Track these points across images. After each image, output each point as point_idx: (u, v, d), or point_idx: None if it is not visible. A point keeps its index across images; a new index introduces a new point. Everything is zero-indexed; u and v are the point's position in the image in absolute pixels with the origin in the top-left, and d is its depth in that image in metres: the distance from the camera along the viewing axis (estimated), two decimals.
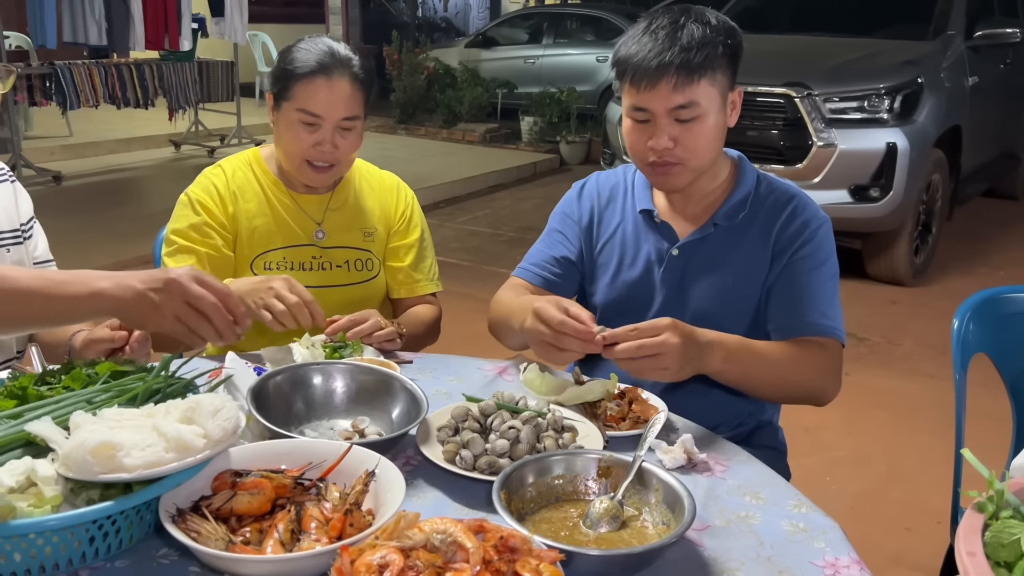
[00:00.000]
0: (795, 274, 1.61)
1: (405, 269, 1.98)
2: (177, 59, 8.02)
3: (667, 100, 1.52)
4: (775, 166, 5.01)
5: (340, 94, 1.78)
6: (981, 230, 6.42)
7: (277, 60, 1.85)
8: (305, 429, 1.37)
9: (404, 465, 1.30)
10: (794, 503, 1.24)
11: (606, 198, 1.78)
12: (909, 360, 4.24)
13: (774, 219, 1.64)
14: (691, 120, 1.54)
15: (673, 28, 1.52)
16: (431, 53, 10.81)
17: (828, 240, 1.64)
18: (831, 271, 1.63)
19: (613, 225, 1.76)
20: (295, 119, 1.79)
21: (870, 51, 5.46)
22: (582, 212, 1.79)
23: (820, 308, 1.58)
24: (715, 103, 1.55)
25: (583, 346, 1.37)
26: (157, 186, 7.54)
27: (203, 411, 1.08)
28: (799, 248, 1.61)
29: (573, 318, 1.37)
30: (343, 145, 1.82)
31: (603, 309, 1.75)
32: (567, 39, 11.11)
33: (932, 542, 2.71)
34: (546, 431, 1.30)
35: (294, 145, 1.81)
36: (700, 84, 1.52)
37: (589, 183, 1.82)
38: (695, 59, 1.50)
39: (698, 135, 1.55)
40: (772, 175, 1.73)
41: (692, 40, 1.51)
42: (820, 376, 1.56)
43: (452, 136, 10.01)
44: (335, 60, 1.78)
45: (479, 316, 1.83)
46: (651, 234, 1.70)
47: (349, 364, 1.44)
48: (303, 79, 1.77)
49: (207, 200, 1.87)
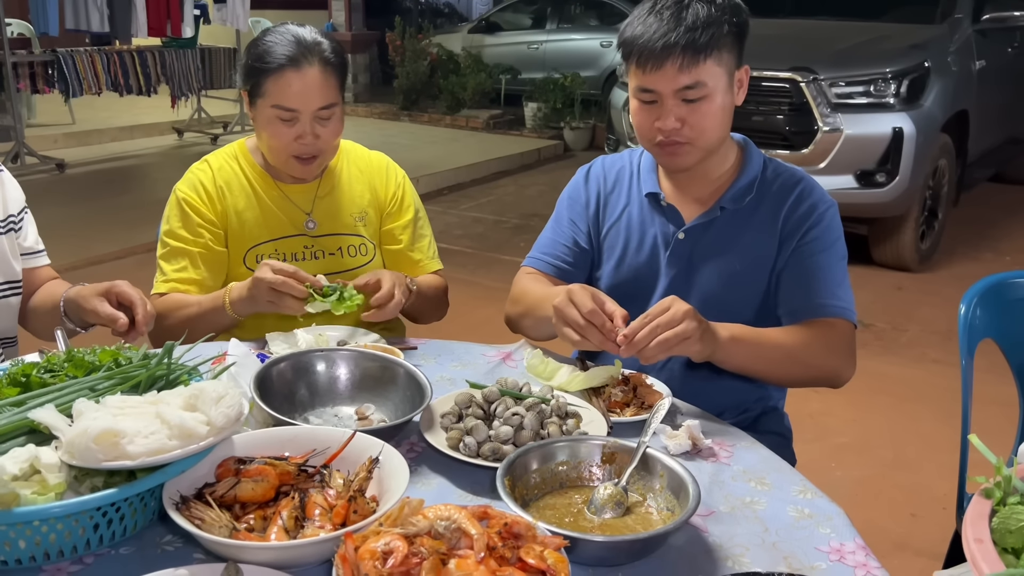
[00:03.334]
0: (804, 257, 1.60)
1: (402, 251, 1.97)
2: (179, 46, 8.00)
3: (673, 81, 1.51)
4: (781, 151, 4.98)
5: (312, 84, 1.75)
6: (987, 215, 6.39)
7: (244, 55, 1.82)
8: (309, 416, 1.36)
9: (408, 452, 1.30)
10: (799, 489, 1.24)
11: (612, 181, 1.77)
12: (915, 346, 4.23)
13: (781, 203, 1.63)
14: (698, 100, 1.53)
15: (678, 8, 1.51)
16: (434, 39, 10.75)
17: (836, 222, 1.63)
18: (840, 253, 1.62)
19: (619, 209, 1.74)
20: (271, 115, 1.77)
21: (876, 35, 5.41)
22: (589, 196, 1.78)
23: (830, 289, 1.57)
24: (722, 82, 1.54)
25: (603, 342, 1.38)
26: (160, 173, 7.53)
27: (206, 398, 1.08)
28: (807, 231, 1.60)
29: (607, 315, 1.39)
30: (324, 134, 1.80)
31: (609, 293, 1.73)
32: (571, 24, 11.04)
33: (938, 528, 2.71)
34: (550, 417, 1.29)
35: (275, 141, 1.80)
36: (706, 64, 1.50)
37: (595, 167, 1.81)
38: (700, 39, 1.49)
39: (705, 114, 1.54)
40: (778, 160, 1.72)
41: (697, 19, 1.49)
42: (833, 357, 1.55)
43: (455, 123, 9.97)
44: (303, 49, 1.75)
45: (484, 303, 1.83)
46: (657, 217, 1.69)
47: (353, 351, 1.44)
48: (273, 74, 1.74)
49: (195, 199, 1.86)
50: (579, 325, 1.39)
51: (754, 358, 1.50)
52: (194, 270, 1.84)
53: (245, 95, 1.83)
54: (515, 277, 1.78)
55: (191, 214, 1.85)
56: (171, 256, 1.85)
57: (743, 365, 1.51)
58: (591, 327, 1.38)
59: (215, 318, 1.74)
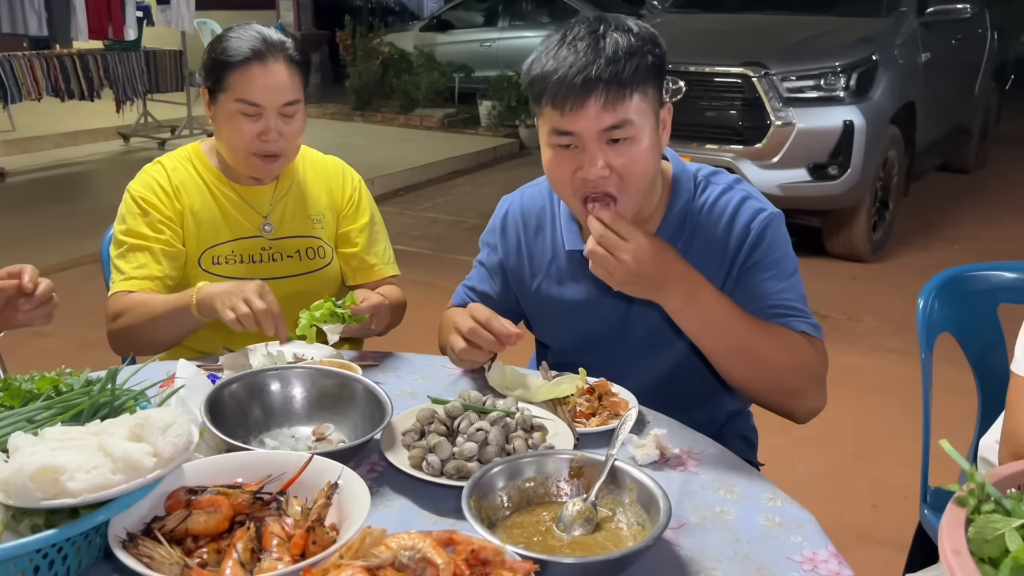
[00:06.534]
0: (752, 282, 1.46)
1: (358, 254, 1.94)
2: (122, 49, 7.79)
3: (597, 120, 1.32)
4: (735, 146, 5.02)
5: (277, 79, 1.72)
6: (936, 204, 6.51)
7: (206, 52, 1.78)
8: (265, 438, 1.31)
9: (369, 472, 1.25)
10: (769, 496, 1.22)
11: (533, 228, 1.63)
12: (871, 336, 4.29)
13: (715, 228, 1.48)
14: (625, 141, 1.34)
15: (593, 38, 1.33)
16: (385, 37, 10.66)
17: (778, 236, 1.48)
18: (789, 268, 1.47)
19: (546, 261, 1.61)
20: (234, 110, 1.73)
21: (824, 29, 5.47)
22: (508, 248, 1.65)
23: (789, 307, 1.43)
24: (649, 122, 1.37)
25: (495, 344, 1.40)
26: (106, 180, 7.33)
27: (152, 427, 1.02)
28: (750, 253, 1.46)
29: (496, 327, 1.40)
30: (288, 131, 1.76)
31: (555, 354, 1.69)
32: (523, 21, 11.02)
33: (899, 518, 2.74)
34: (515, 431, 1.26)
35: (237, 138, 1.75)
36: (633, 99, 1.33)
37: (512, 211, 1.66)
38: (625, 72, 1.31)
39: (634, 159, 1.35)
40: (712, 178, 1.54)
41: (618, 50, 1.32)
42: (799, 368, 1.39)
43: (410, 122, 9.89)
44: (268, 45, 1.72)
45: (442, 305, 1.78)
46: (586, 270, 1.45)
47: (309, 368, 1.39)
48: (237, 67, 1.71)
49: (151, 197, 1.81)
50: (471, 332, 1.41)
51: (706, 328, 1.35)
52: (156, 266, 1.77)
53: (205, 93, 1.79)
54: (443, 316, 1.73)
55: (150, 210, 1.79)
56: (130, 253, 1.78)
57: (694, 332, 1.37)
58: (480, 331, 1.40)
59: (180, 318, 1.64)
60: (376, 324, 1.66)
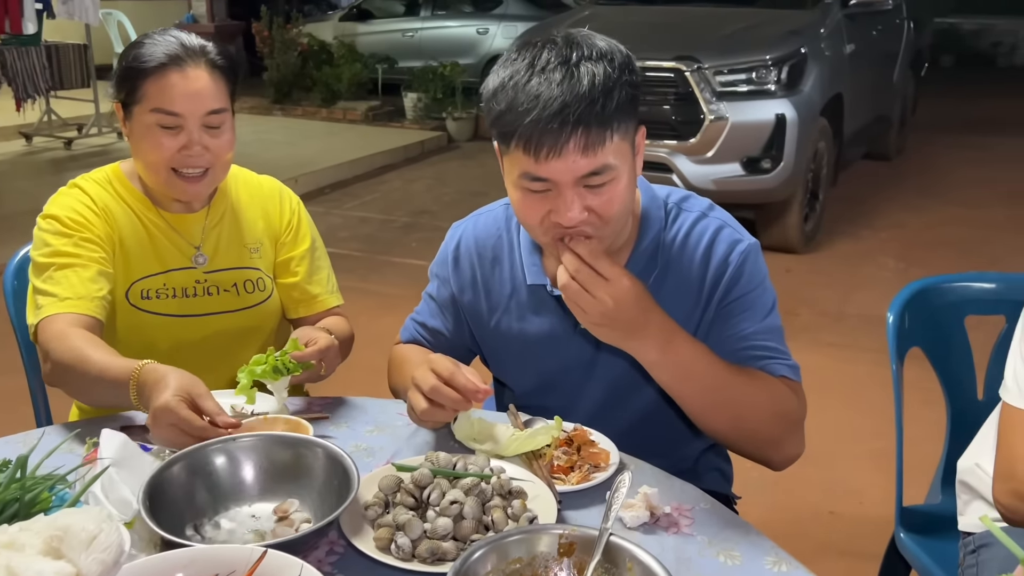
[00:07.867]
0: (730, 323, 1.36)
1: (299, 284, 1.76)
2: (21, 43, 7.27)
3: (575, 167, 1.19)
4: (669, 141, 4.98)
5: (198, 85, 1.54)
6: (861, 193, 6.63)
7: (118, 61, 1.59)
8: (221, 520, 1.15)
9: (328, 554, 1.11)
10: (772, 559, 1.13)
11: (489, 260, 1.49)
12: (809, 330, 4.31)
13: (690, 260, 1.38)
14: (604, 184, 1.23)
15: (566, 68, 1.19)
16: (304, 28, 10.30)
17: (755, 267, 1.38)
18: (768, 302, 1.38)
19: (505, 295, 1.48)
20: (151, 122, 1.54)
21: (753, 21, 5.48)
22: (462, 282, 1.51)
23: (767, 347, 1.35)
24: (628, 158, 1.25)
25: (461, 403, 1.25)
26: (8, 184, 6.83)
27: (74, 541, 0.86)
28: (728, 290, 1.37)
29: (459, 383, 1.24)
30: (214, 146, 1.58)
31: (518, 396, 1.56)
32: (445, 11, 10.80)
33: (857, 524, 2.72)
34: (491, 500, 1.13)
35: (154, 154, 1.56)
36: (613, 141, 1.20)
37: (465, 241, 1.52)
38: (605, 110, 1.18)
39: (612, 199, 1.24)
40: (684, 198, 1.44)
41: (595, 84, 1.18)
42: (779, 417, 1.32)
43: (332, 115, 9.57)
44: (186, 49, 1.55)
45: (381, 312, 1.65)
46: (551, 306, 1.43)
47: (257, 437, 1.22)
48: (153, 75, 1.52)
49: (77, 216, 1.58)
50: (434, 391, 1.25)
51: (683, 378, 1.27)
52: (93, 285, 1.51)
53: (119, 108, 1.59)
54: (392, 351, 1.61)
55: (78, 229, 1.57)
56: (59, 273, 1.51)
57: (669, 383, 1.28)
58: (445, 389, 1.24)
59: (119, 392, 1.34)
60: (326, 369, 1.50)
